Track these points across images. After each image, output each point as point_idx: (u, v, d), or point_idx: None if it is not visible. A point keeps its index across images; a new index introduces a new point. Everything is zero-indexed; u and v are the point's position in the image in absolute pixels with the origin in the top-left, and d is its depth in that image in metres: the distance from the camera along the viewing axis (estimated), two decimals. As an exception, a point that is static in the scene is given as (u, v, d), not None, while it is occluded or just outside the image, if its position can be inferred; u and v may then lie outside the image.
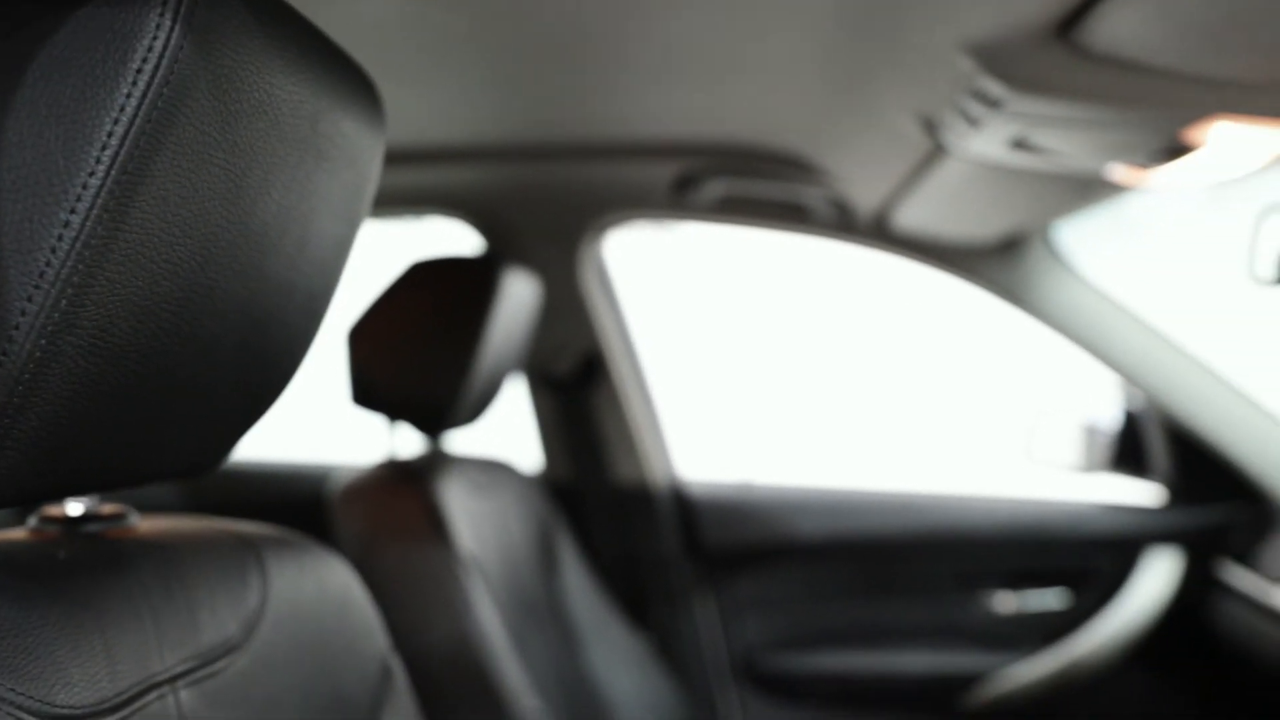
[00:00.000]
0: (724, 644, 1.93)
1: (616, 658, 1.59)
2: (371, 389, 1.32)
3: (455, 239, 1.87)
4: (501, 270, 1.33)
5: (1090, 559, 1.84)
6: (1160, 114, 0.96)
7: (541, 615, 1.46)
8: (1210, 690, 1.80)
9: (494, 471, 1.48)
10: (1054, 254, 1.70)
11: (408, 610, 1.13)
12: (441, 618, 1.20)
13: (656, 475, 1.90)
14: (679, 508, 1.92)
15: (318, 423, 2.36)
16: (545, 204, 1.78)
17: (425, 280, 1.36)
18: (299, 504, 1.61)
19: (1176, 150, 1.04)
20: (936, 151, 1.27)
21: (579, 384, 1.87)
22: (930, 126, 1.19)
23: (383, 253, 1.54)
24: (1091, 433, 1.98)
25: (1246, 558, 1.67)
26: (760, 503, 1.93)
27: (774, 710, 1.92)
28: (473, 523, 1.31)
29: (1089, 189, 1.35)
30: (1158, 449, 1.82)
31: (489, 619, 1.22)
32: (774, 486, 1.97)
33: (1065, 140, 1.08)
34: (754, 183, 1.60)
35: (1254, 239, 1.19)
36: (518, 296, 1.38)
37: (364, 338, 1.33)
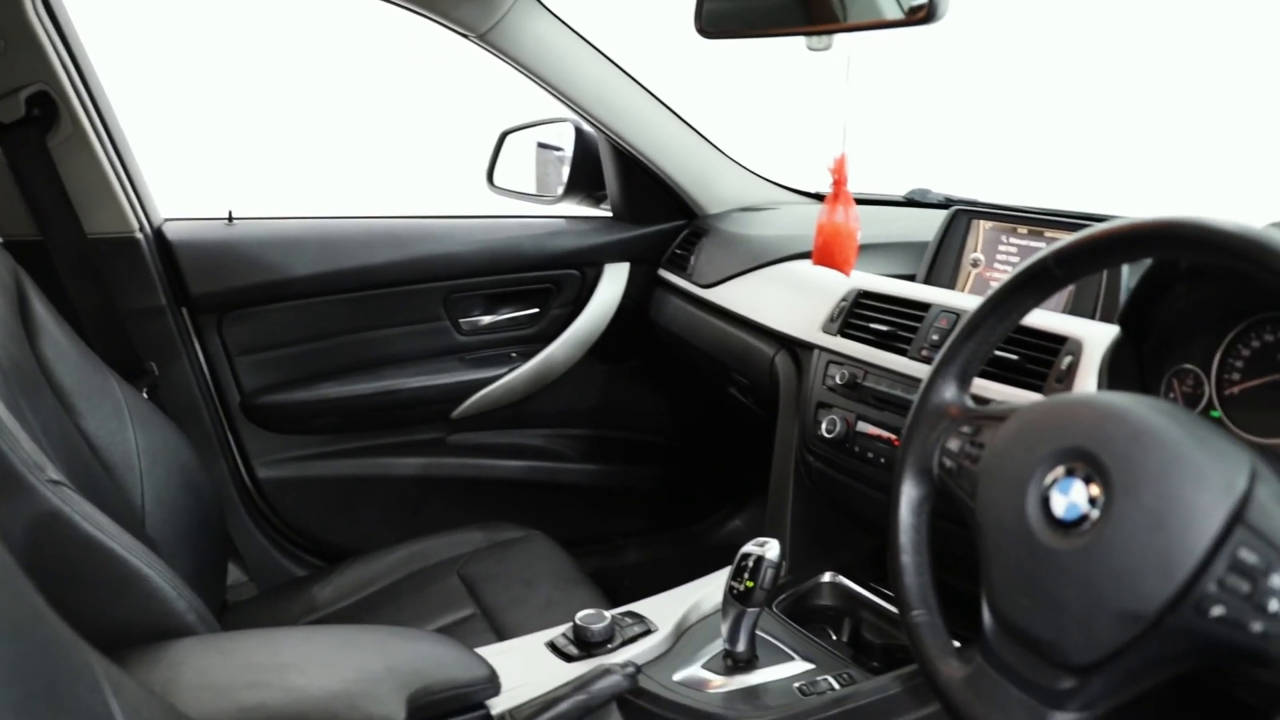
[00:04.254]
0: (218, 388, 1.92)
1: (115, 415, 1.52)
2: None
3: None
4: None
5: (557, 275, 2.09)
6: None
7: (32, 384, 1.36)
8: (652, 369, 2.21)
9: None
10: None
11: None
12: None
13: (132, 222, 1.76)
14: (161, 254, 1.81)
15: None
16: None
17: None
18: None
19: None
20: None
21: (28, 131, 1.64)
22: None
23: None
24: (550, 162, 2.20)
25: (680, 265, 2.02)
26: (248, 242, 1.88)
27: (279, 447, 1.99)
28: None
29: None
30: (610, 176, 2.08)
31: None
32: (261, 224, 1.92)
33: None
34: None
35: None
36: None
37: None
